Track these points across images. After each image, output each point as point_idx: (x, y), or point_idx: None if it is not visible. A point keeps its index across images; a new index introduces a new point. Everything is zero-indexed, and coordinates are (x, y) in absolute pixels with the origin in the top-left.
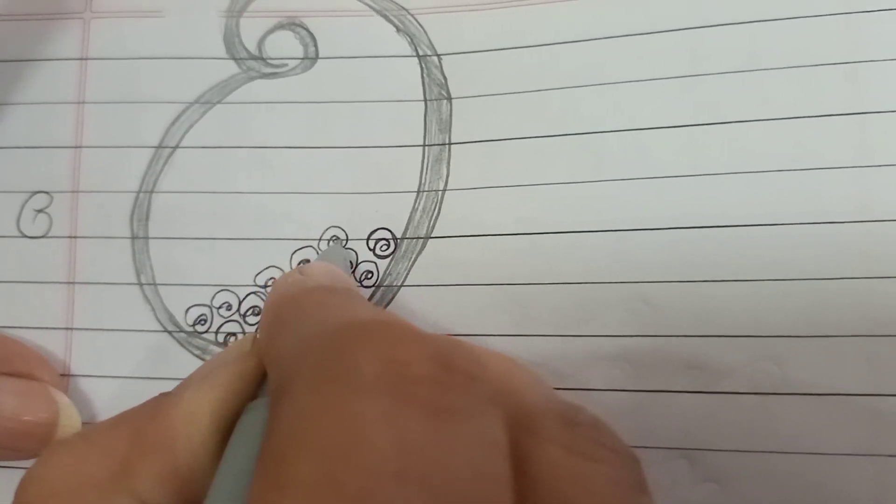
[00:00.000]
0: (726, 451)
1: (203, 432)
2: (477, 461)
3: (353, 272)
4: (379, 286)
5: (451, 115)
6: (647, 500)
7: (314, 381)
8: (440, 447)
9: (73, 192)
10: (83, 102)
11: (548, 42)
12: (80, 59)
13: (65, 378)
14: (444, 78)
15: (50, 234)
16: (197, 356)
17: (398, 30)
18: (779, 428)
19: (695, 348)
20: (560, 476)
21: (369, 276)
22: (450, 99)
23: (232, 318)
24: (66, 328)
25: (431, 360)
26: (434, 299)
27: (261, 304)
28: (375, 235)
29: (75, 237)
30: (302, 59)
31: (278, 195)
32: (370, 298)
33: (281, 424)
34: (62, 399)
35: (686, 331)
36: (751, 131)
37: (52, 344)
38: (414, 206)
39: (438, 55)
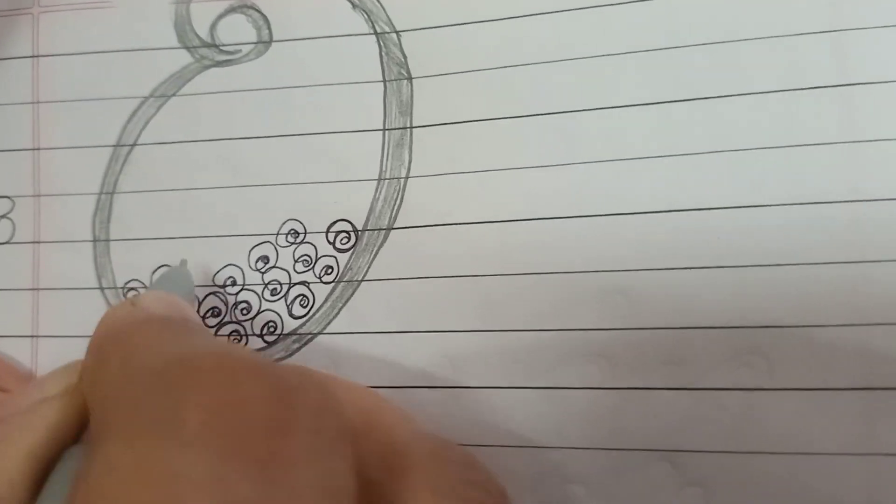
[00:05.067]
0: (711, 452)
1: (14, 478)
2: None
3: (199, 304)
4: (339, 282)
5: (411, 97)
6: None
7: (130, 432)
8: None
9: (34, 196)
10: (38, 102)
11: (513, 15)
12: (33, 56)
13: None
14: (404, 56)
15: (14, 240)
16: None
17: (354, 6)
18: (766, 427)
19: (675, 342)
20: None
21: (329, 271)
22: (410, 79)
23: None
24: (32, 336)
25: (269, 398)
26: (397, 294)
27: (220, 304)
28: (335, 228)
29: (39, 242)
30: (255, 43)
31: (234, 189)
32: (329, 295)
33: (89, 480)
34: None
35: (665, 323)
36: (731, 107)
37: (17, 352)
38: (375, 196)
39: (397, 32)
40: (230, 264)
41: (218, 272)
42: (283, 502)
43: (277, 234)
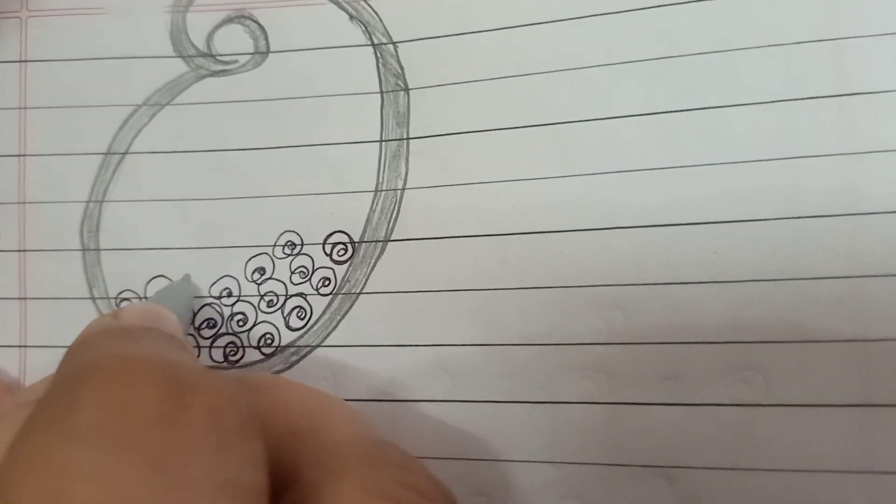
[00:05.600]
0: (707, 468)
1: None
2: None
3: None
4: (337, 294)
5: (408, 108)
6: None
7: (33, 427)
8: (161, 498)
9: (19, 203)
10: (25, 108)
11: (510, 25)
12: (20, 61)
13: None
14: (401, 67)
15: None
16: None
17: (351, 17)
18: (763, 443)
19: (672, 357)
20: None
21: (326, 283)
22: (407, 90)
23: (187, 332)
24: (20, 346)
25: (162, 395)
26: (395, 307)
27: (216, 316)
28: (332, 239)
29: (24, 251)
30: (253, 53)
31: (231, 200)
32: (328, 307)
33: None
34: None
35: (662, 338)
36: (729, 118)
37: (5, 362)
38: (372, 207)
39: (394, 43)
40: (226, 275)
41: (214, 283)
42: (176, 493)
43: (274, 245)
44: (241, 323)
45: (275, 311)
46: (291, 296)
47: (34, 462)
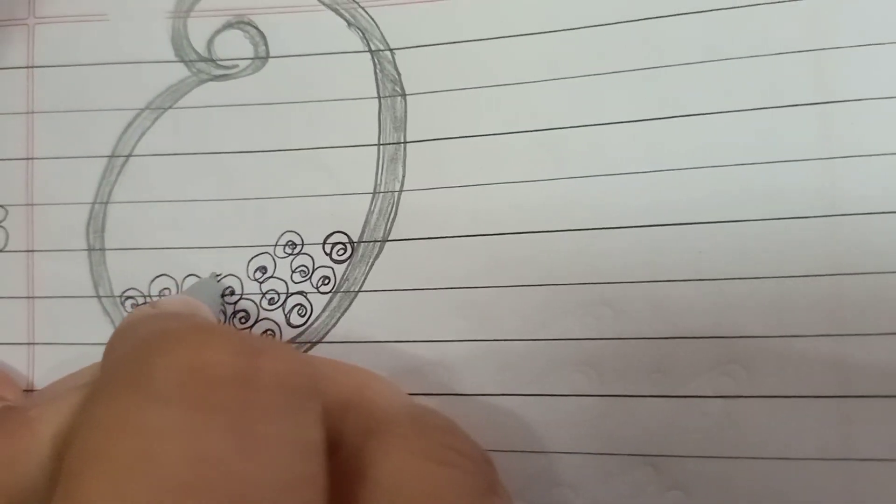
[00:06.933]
0: (692, 457)
1: (44, 456)
2: (282, 466)
3: (224, 307)
4: (336, 292)
5: (405, 113)
6: (499, 501)
7: (110, 392)
8: (240, 455)
9: (27, 205)
10: (32, 112)
11: (503, 35)
12: (27, 67)
13: (28, 394)
14: (398, 73)
15: (7, 249)
16: None
17: (349, 24)
18: (746, 433)
19: (659, 351)
20: (406, 480)
21: (326, 281)
22: (404, 95)
23: None
24: (28, 343)
25: (236, 358)
26: (392, 305)
27: (219, 314)
28: (331, 239)
29: (32, 251)
30: (252, 58)
31: (233, 201)
32: (327, 305)
33: (78, 438)
34: None
35: (649, 333)
36: (713, 124)
37: (14, 360)
38: (370, 209)
39: (391, 49)
40: (229, 274)
41: (217, 282)
42: (255, 453)
43: (276, 245)
44: (243, 320)
45: (276, 309)
46: (292, 294)
47: (117, 422)
